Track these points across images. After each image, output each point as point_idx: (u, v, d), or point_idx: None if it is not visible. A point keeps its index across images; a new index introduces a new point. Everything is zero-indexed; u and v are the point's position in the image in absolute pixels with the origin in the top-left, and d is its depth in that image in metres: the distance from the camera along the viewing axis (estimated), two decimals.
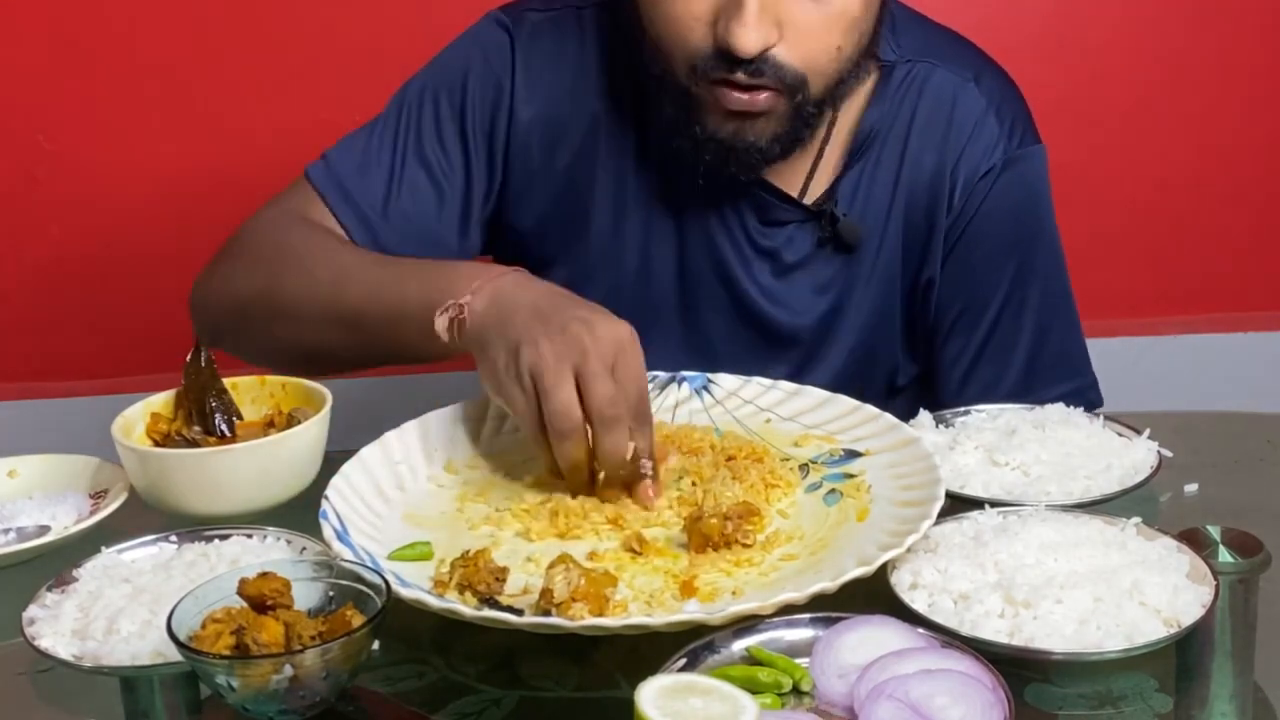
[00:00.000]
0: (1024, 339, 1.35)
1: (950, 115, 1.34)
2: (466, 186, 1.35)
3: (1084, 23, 2.19)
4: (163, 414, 1.17)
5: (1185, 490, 1.13)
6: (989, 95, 1.35)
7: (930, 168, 1.33)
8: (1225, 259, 2.30)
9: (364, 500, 1.07)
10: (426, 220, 1.34)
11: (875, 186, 1.34)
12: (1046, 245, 1.38)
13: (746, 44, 1.15)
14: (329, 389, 1.18)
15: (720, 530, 1.00)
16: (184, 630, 0.84)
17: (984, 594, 0.91)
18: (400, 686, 0.91)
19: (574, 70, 1.35)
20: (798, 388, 1.23)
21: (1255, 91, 2.23)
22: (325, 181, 1.34)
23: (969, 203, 1.34)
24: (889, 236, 1.34)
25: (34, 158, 2.16)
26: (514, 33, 1.36)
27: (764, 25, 1.16)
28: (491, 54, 1.36)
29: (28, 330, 2.24)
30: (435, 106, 1.35)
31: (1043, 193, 1.38)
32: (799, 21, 1.18)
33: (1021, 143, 1.35)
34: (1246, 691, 0.90)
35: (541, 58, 1.35)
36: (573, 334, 1.05)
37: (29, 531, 1.10)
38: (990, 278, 1.35)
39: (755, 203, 1.32)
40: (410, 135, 1.35)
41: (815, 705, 0.84)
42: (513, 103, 1.35)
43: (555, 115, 1.35)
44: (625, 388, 1.05)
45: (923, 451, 1.09)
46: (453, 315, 1.12)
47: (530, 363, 1.05)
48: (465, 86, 1.35)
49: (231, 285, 1.31)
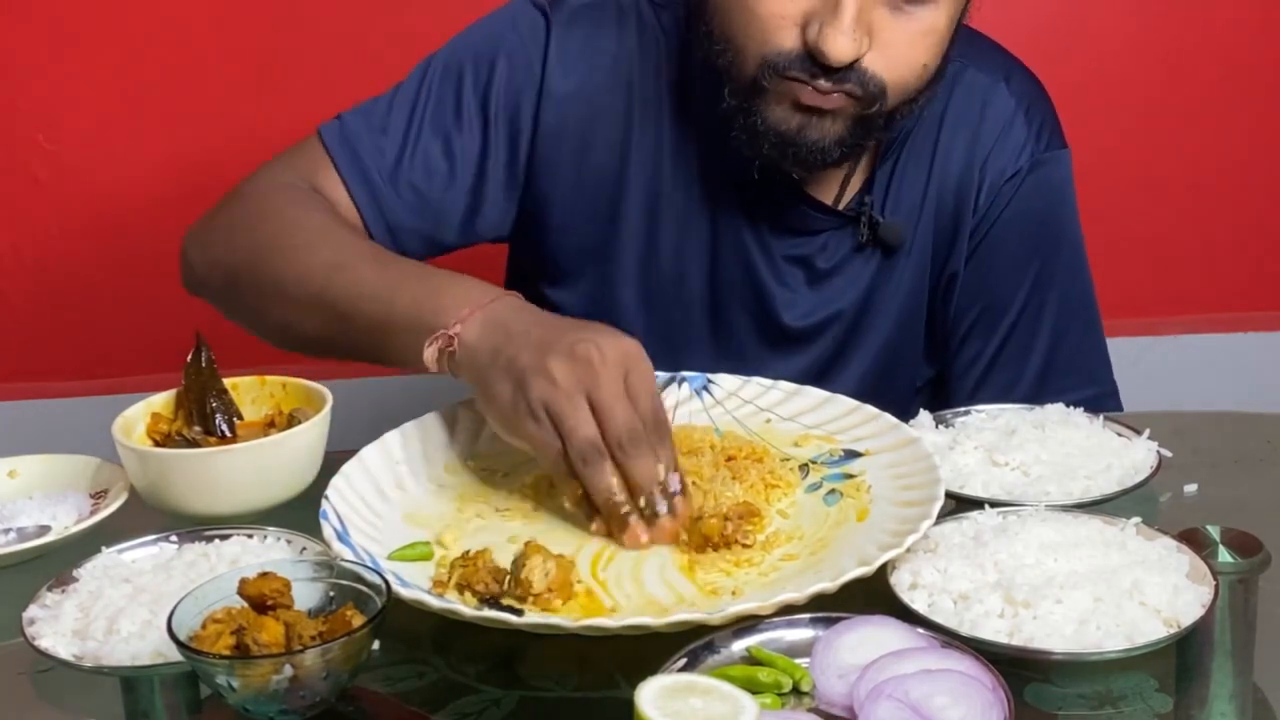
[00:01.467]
0: (1040, 344, 1.34)
1: (980, 115, 1.33)
2: (481, 167, 1.32)
3: (1084, 24, 2.19)
4: (163, 414, 1.17)
5: (1185, 490, 1.13)
6: (1019, 96, 1.34)
7: (959, 167, 1.33)
8: (1225, 259, 2.30)
9: (364, 500, 1.07)
10: (434, 194, 1.32)
11: (905, 185, 1.33)
12: (1069, 250, 1.37)
13: (841, 52, 1.13)
14: (329, 389, 1.18)
15: (720, 530, 1.00)
16: (184, 630, 0.84)
17: (984, 594, 0.91)
18: (400, 686, 0.91)
19: (611, 61, 1.32)
20: (797, 388, 1.23)
21: (1255, 91, 2.23)
22: (336, 143, 1.31)
23: (994, 204, 1.33)
24: (920, 235, 1.34)
25: (34, 158, 2.16)
26: (551, 17, 1.32)
27: (859, 33, 1.14)
28: (526, 36, 1.32)
29: (28, 330, 2.24)
30: (458, 81, 1.32)
31: (1067, 197, 1.37)
32: (889, 33, 1.16)
33: (1048, 146, 1.35)
34: (1246, 691, 0.90)
35: (578, 46, 1.32)
36: (581, 357, 1.00)
37: (29, 531, 1.10)
38: (1010, 281, 1.35)
39: (789, 210, 1.31)
40: (429, 106, 1.32)
41: (815, 705, 0.84)
42: (542, 88, 1.31)
43: (587, 107, 1.32)
44: (640, 405, 1.01)
45: (923, 451, 1.09)
46: (441, 346, 1.07)
47: (541, 395, 1.00)
48: (494, 64, 1.32)
49: (225, 248, 1.27)
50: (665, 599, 0.96)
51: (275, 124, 2.08)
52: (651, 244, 1.34)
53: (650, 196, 1.33)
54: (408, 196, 1.31)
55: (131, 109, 2.14)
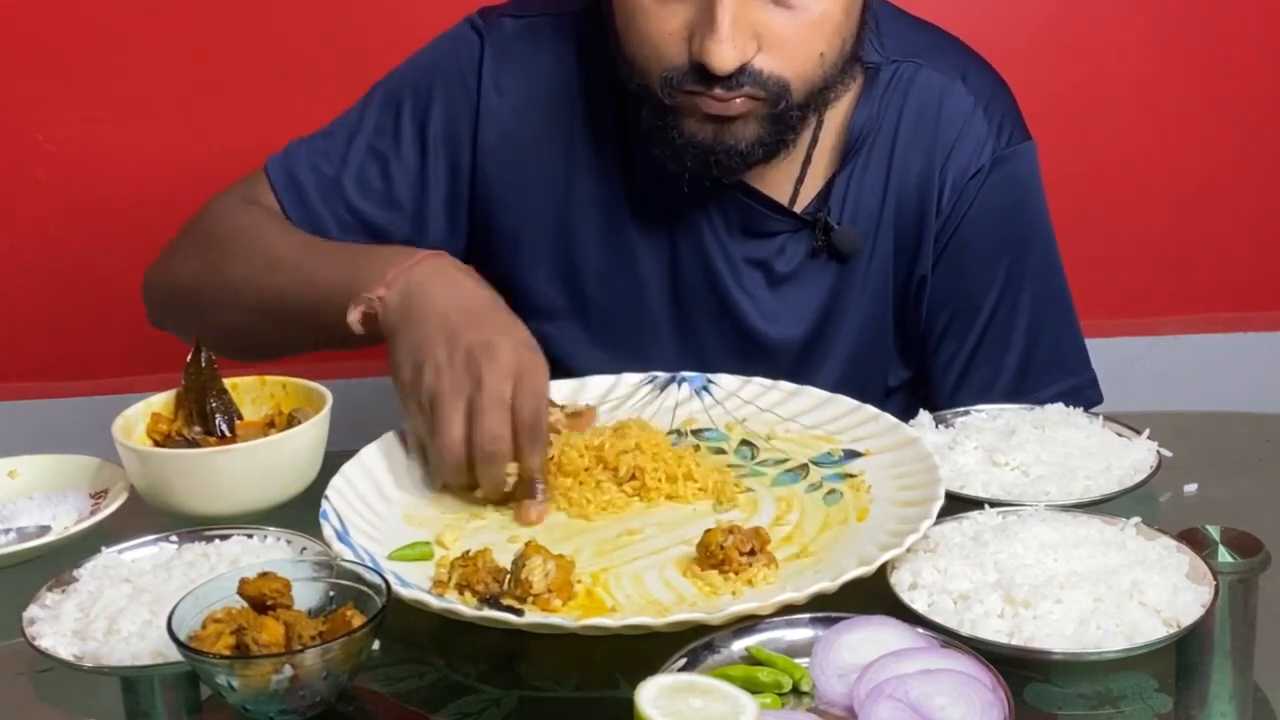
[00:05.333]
0: (1017, 340, 1.34)
1: (938, 115, 1.31)
2: (421, 189, 1.34)
3: (1085, 22, 2.19)
4: (163, 414, 1.17)
5: (1185, 490, 1.13)
6: (976, 93, 1.33)
7: (919, 169, 1.31)
8: (1225, 259, 2.30)
9: (364, 500, 1.07)
10: (372, 213, 1.33)
11: (865, 191, 1.32)
12: (1039, 243, 1.36)
13: (723, 61, 1.13)
14: (329, 389, 1.18)
15: (733, 557, 0.98)
16: (184, 630, 0.84)
17: (984, 594, 0.91)
18: (400, 686, 0.91)
19: (548, 80, 1.33)
20: (797, 388, 1.23)
21: (1256, 91, 2.23)
22: (278, 171, 1.34)
23: (958, 204, 1.32)
24: (881, 241, 1.33)
25: (34, 158, 2.16)
26: (486, 38, 1.33)
27: (740, 39, 1.13)
28: (462, 60, 1.34)
29: (28, 330, 2.24)
30: (397, 109, 1.34)
31: (1034, 190, 1.36)
32: (777, 31, 1.15)
33: (1010, 141, 1.33)
34: (1246, 691, 0.90)
35: (514, 66, 1.33)
36: (473, 360, 1.06)
37: (29, 531, 1.10)
38: (982, 280, 1.34)
39: (745, 213, 1.31)
40: (369, 132, 1.34)
41: (815, 705, 0.84)
42: (479, 109, 1.32)
43: (526, 124, 1.33)
44: (521, 415, 1.06)
45: (923, 451, 1.09)
46: (365, 309, 1.14)
47: (430, 387, 1.07)
48: (431, 90, 1.34)
49: (177, 268, 1.33)
50: (665, 599, 0.96)
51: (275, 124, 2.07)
52: (610, 255, 1.34)
53: (603, 208, 1.33)
54: (343, 215, 1.33)
55: (131, 109, 2.14)
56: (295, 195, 1.33)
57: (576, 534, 1.05)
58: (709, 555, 0.98)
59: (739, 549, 0.97)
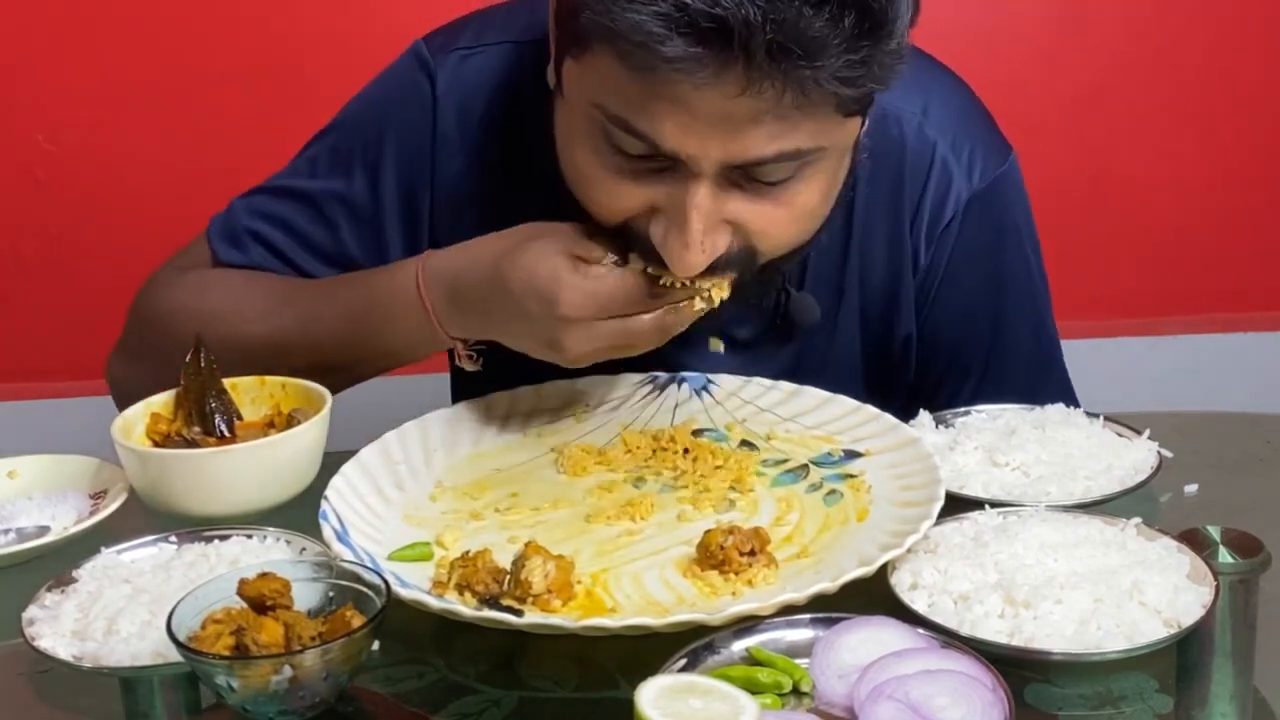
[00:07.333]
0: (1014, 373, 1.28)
1: (900, 169, 1.21)
2: (378, 247, 1.26)
3: (1086, 25, 2.19)
4: (163, 414, 1.17)
5: (1185, 490, 1.13)
6: (940, 129, 1.22)
7: (886, 231, 1.23)
8: (1225, 259, 2.31)
9: (364, 500, 1.07)
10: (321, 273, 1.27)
11: (822, 260, 1.23)
12: (1024, 272, 1.29)
13: (687, 270, 1.01)
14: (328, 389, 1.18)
15: (733, 558, 0.98)
16: (184, 631, 0.84)
17: (984, 594, 0.91)
18: (400, 687, 0.91)
19: (500, 119, 1.22)
20: (797, 388, 1.23)
21: (1255, 92, 2.24)
22: (218, 231, 1.29)
23: (936, 255, 1.25)
24: (845, 310, 1.25)
25: (34, 158, 2.16)
26: (436, 79, 1.23)
27: (710, 239, 1.01)
28: (411, 108, 1.24)
29: (28, 330, 2.24)
30: (347, 163, 1.26)
31: (1016, 212, 1.28)
32: (755, 220, 1.03)
33: (983, 174, 1.24)
34: (1246, 692, 0.90)
35: (466, 108, 1.23)
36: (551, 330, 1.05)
37: (29, 532, 1.10)
38: (972, 323, 1.28)
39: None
40: (317, 196, 1.27)
41: (815, 705, 0.84)
42: (434, 161, 1.24)
43: (481, 170, 1.24)
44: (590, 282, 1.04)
45: (923, 452, 1.09)
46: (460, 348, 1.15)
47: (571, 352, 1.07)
48: (381, 144, 1.25)
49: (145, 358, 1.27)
50: (665, 599, 0.96)
51: (275, 124, 2.08)
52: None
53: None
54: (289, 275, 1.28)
55: (131, 109, 2.15)
56: (241, 257, 1.28)
57: (576, 534, 1.05)
58: (709, 556, 0.98)
59: (739, 549, 0.97)
